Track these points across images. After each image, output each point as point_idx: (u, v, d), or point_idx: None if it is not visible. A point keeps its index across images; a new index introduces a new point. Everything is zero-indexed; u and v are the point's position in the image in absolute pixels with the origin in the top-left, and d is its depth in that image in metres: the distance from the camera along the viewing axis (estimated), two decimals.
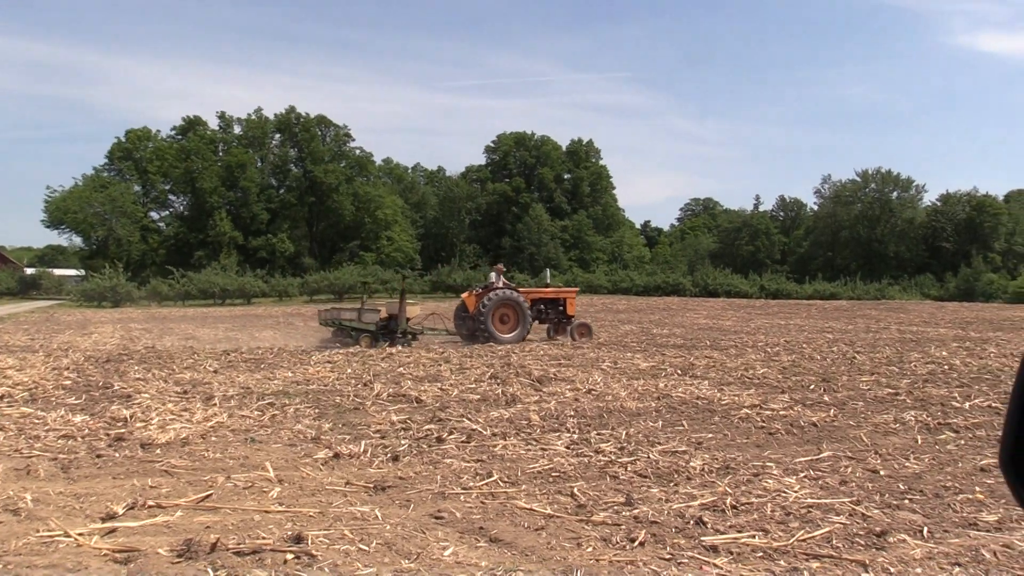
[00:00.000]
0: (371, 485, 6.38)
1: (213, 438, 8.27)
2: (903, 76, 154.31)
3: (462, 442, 8.10)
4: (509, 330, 20.10)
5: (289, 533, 5.06)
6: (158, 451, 7.64)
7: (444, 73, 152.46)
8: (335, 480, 6.56)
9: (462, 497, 6.09)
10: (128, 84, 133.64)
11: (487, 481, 6.53)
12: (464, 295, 21.32)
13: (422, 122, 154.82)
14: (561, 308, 21.66)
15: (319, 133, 75.27)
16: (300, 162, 74.09)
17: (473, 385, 12.28)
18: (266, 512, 5.61)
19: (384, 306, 20.33)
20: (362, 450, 7.64)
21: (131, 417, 9.31)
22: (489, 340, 19.53)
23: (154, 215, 71.92)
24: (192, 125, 73.03)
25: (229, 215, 67.94)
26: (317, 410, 10.13)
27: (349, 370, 14.31)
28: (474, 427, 8.79)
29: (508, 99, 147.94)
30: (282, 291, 57.47)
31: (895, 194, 74.38)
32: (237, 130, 75.33)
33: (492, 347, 18.46)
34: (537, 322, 21.21)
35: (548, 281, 24.97)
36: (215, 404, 10.38)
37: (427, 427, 8.83)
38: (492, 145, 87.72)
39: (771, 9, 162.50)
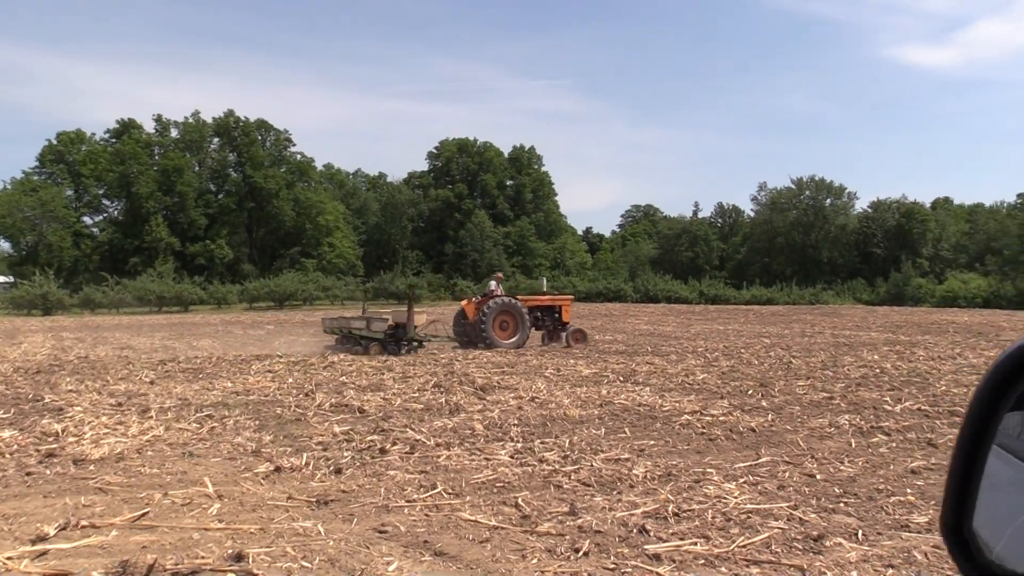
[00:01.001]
0: (313, 499, 6.29)
1: (149, 453, 8.06)
2: (835, 86, 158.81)
3: (406, 453, 8.05)
4: (509, 336, 20.62)
5: (229, 551, 4.97)
6: (92, 467, 7.42)
7: (386, 78, 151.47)
8: (276, 495, 6.46)
9: (406, 510, 6.05)
10: (59, 84, 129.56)
11: (431, 493, 6.50)
12: (464, 302, 21.91)
13: (364, 127, 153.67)
14: (557, 315, 22.20)
15: (259, 137, 74.09)
16: (239, 167, 72.81)
17: (416, 394, 12.22)
18: (205, 530, 5.49)
19: (391, 314, 20.48)
20: (304, 463, 7.53)
21: (63, 432, 9.02)
22: (490, 346, 20.07)
23: (87, 220, 69.84)
24: (127, 128, 71.16)
25: (166, 220, 66.43)
26: (257, 422, 9.96)
27: (290, 379, 14.11)
28: (418, 437, 8.74)
29: (450, 105, 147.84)
30: (221, 298, 56.36)
31: (828, 201, 76.30)
32: (174, 133, 73.79)
33: (435, 355, 18.41)
34: (533, 328, 21.63)
35: (544, 289, 25.49)
36: (151, 417, 10.12)
37: (370, 438, 8.75)
38: (435, 151, 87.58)
39: (709, 19, 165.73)
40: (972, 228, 74.06)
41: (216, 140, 74.44)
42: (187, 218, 67.39)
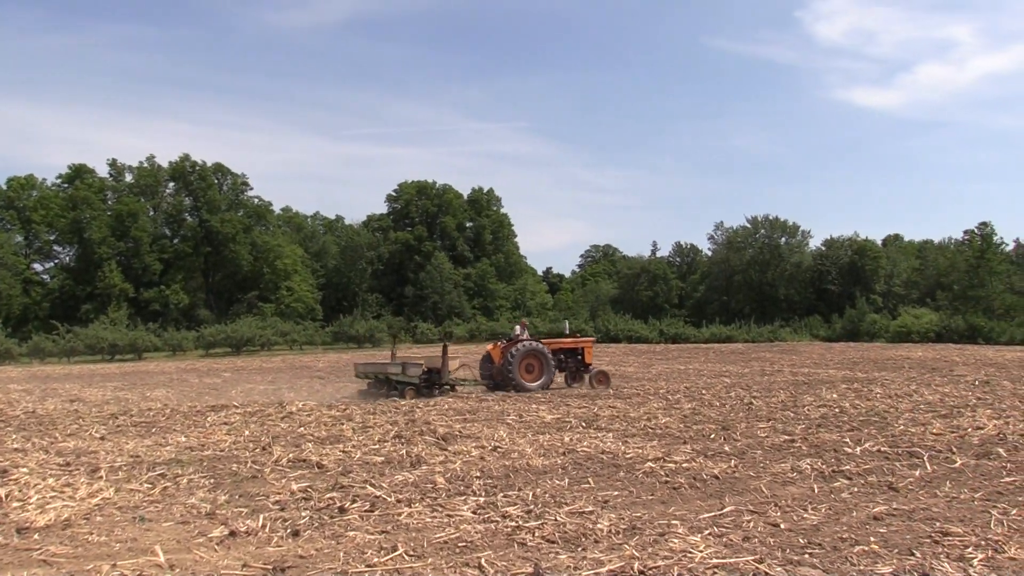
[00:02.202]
0: (270, 566, 6.06)
1: (98, 518, 7.74)
2: (787, 128, 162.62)
3: (366, 511, 7.85)
4: (534, 379, 21.14)
5: None
6: (36, 536, 7.08)
7: (344, 122, 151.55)
8: (231, 562, 6.21)
9: (366, 575, 5.87)
10: (9, 129, 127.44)
11: (392, 555, 6.31)
12: (489, 347, 22.40)
13: (322, 170, 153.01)
14: (579, 357, 22.65)
15: (215, 181, 73.39)
16: (195, 211, 71.96)
17: (377, 446, 11.99)
18: None
19: (424, 360, 21.03)
20: (260, 525, 7.28)
21: (6, 496, 8.63)
22: (517, 389, 20.50)
23: (37, 267, 68.09)
24: (80, 173, 70.00)
25: (119, 266, 65.14)
26: (212, 480, 9.66)
27: (247, 432, 13.77)
28: (378, 494, 8.54)
29: (409, 148, 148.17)
30: (176, 345, 55.26)
31: (783, 240, 77.67)
32: (128, 178, 72.71)
33: (396, 404, 18.15)
34: (557, 371, 22.02)
35: (567, 332, 25.96)
36: (101, 477, 9.76)
37: (329, 495, 8.52)
38: (394, 194, 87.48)
39: (663, 62, 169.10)
40: (922, 264, 75.77)
41: (171, 184, 73.55)
42: (141, 263, 66.25)
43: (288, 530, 7.16)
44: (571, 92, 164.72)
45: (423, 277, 76.31)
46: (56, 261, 69.20)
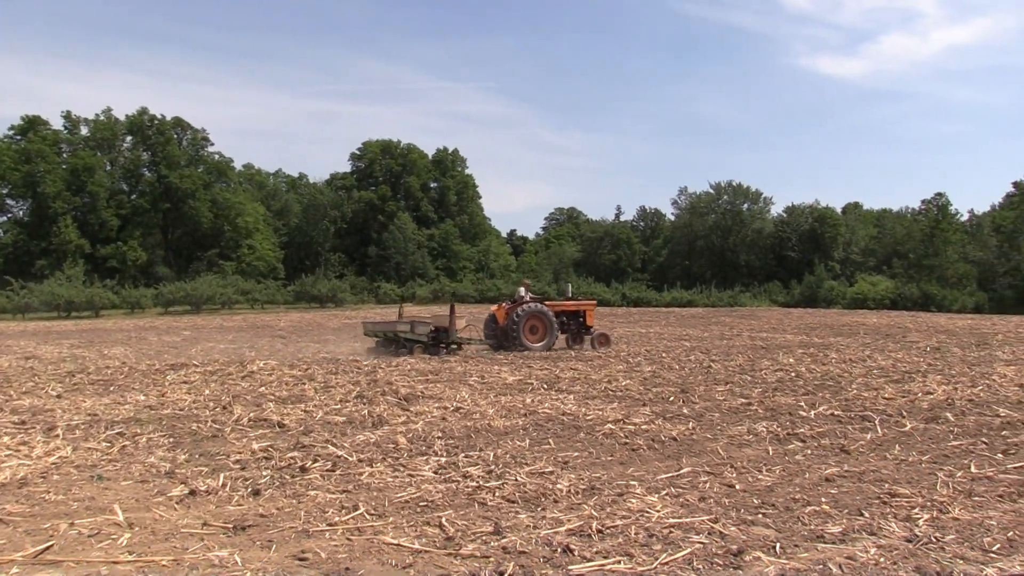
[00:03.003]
0: (230, 525, 6.06)
1: (55, 476, 7.67)
2: (752, 94, 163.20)
3: (327, 471, 7.87)
4: (538, 340, 21.73)
5: None
6: None
7: (309, 77, 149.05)
8: (191, 521, 6.20)
9: (327, 534, 5.89)
10: None
11: (353, 515, 6.35)
12: (494, 308, 23.02)
13: (285, 127, 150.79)
14: (581, 319, 23.19)
15: (175, 136, 71.97)
16: (154, 166, 70.58)
17: (339, 406, 11.99)
18: (114, 563, 5.22)
19: (432, 319, 21.93)
20: (220, 484, 7.27)
21: None
22: (521, 349, 21.14)
23: None
24: (33, 125, 68.11)
25: (75, 222, 63.81)
26: (172, 439, 9.60)
27: (207, 391, 13.68)
28: (339, 453, 8.56)
29: (374, 106, 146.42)
30: (134, 303, 54.47)
31: (746, 206, 78.42)
32: (84, 131, 70.97)
33: (358, 364, 18.12)
34: (559, 333, 22.55)
35: (570, 295, 26.39)
36: (58, 436, 9.65)
37: (290, 455, 8.52)
38: (358, 152, 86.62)
39: (631, 26, 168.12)
40: (880, 232, 77.11)
41: (129, 139, 72.00)
42: (98, 219, 64.97)
43: (249, 489, 7.15)
44: (538, 54, 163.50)
45: (386, 237, 75.90)
46: (9, 215, 67.64)
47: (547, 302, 22.76)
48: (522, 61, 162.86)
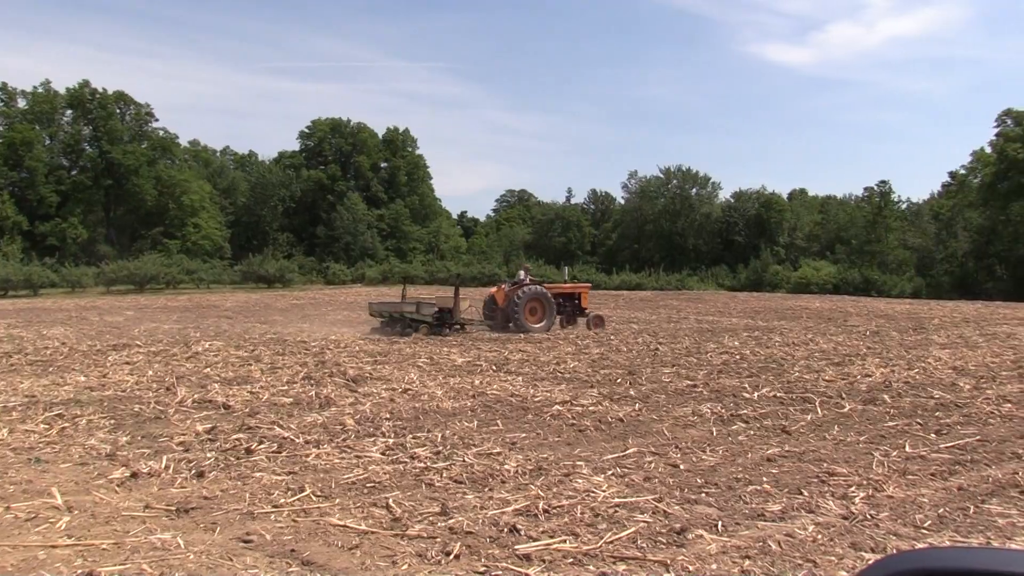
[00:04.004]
0: (173, 508, 5.98)
1: None
2: (701, 80, 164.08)
3: (273, 452, 7.80)
4: (538, 321, 22.06)
5: (79, 571, 4.65)
6: None
7: (256, 53, 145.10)
8: (132, 504, 6.10)
9: (272, 516, 5.85)
10: None
11: (299, 496, 6.32)
12: (493, 289, 23.45)
13: (232, 103, 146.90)
14: (576, 302, 23.72)
15: (117, 111, 69.78)
16: (95, 142, 68.40)
17: (285, 387, 11.88)
18: (53, 547, 5.11)
19: (436, 299, 22.47)
20: (163, 466, 7.16)
21: None
22: (521, 331, 21.33)
23: None
24: None
25: (12, 197, 61.61)
26: (113, 421, 9.40)
27: (150, 372, 13.42)
28: (286, 435, 8.49)
29: (323, 84, 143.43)
30: (75, 282, 52.91)
31: (694, 191, 79.17)
32: (21, 104, 68.49)
33: (305, 345, 17.95)
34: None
35: (566, 278, 27.31)
36: None
37: (235, 437, 8.42)
38: (307, 131, 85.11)
39: (583, 8, 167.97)
40: (824, 218, 78.53)
41: (69, 112, 69.68)
42: (36, 195, 62.89)
43: (192, 471, 7.06)
44: (489, 34, 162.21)
45: (336, 217, 74.93)
46: None
47: (545, 285, 23.31)
48: (474, 41, 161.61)
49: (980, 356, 16.34)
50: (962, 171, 67.88)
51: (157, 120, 72.93)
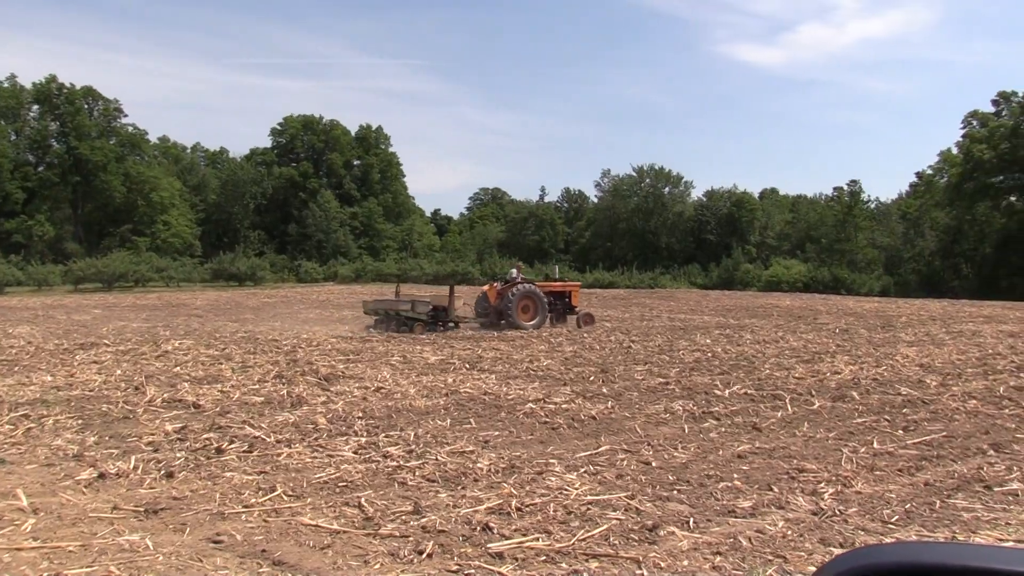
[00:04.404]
0: (142, 509, 5.90)
1: None
2: (674, 79, 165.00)
3: (244, 452, 7.73)
4: (530, 318, 22.42)
5: (46, 574, 4.58)
6: None
7: (228, 48, 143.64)
8: (100, 505, 6.01)
9: (243, 516, 5.79)
10: None
11: (270, 496, 6.26)
12: (486, 287, 23.73)
13: (203, 99, 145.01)
14: (567, 300, 24.17)
15: (85, 106, 68.77)
16: (63, 137, 67.30)
17: (257, 386, 11.78)
18: (18, 550, 5.02)
19: (431, 298, 22.97)
20: (132, 467, 7.07)
21: None
22: (513, 327, 21.76)
23: None
24: None
25: None
26: (80, 421, 9.27)
27: (119, 371, 13.25)
28: (257, 434, 8.42)
29: (295, 80, 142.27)
30: (41, 280, 52.08)
31: (667, 189, 79.63)
32: None
33: (277, 343, 17.81)
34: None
35: (556, 277, 27.81)
36: None
37: (205, 436, 8.33)
38: (279, 127, 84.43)
39: (557, 7, 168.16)
40: (795, 217, 79.33)
41: (36, 108, 68.56)
42: (2, 192, 61.84)
43: (162, 472, 6.98)
44: (464, 31, 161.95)
45: (308, 215, 74.40)
46: None
47: (537, 283, 23.72)
48: (449, 39, 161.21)
49: (946, 354, 16.59)
50: (929, 171, 68.97)
51: (126, 116, 72.06)
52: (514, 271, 23.91)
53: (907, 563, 1.22)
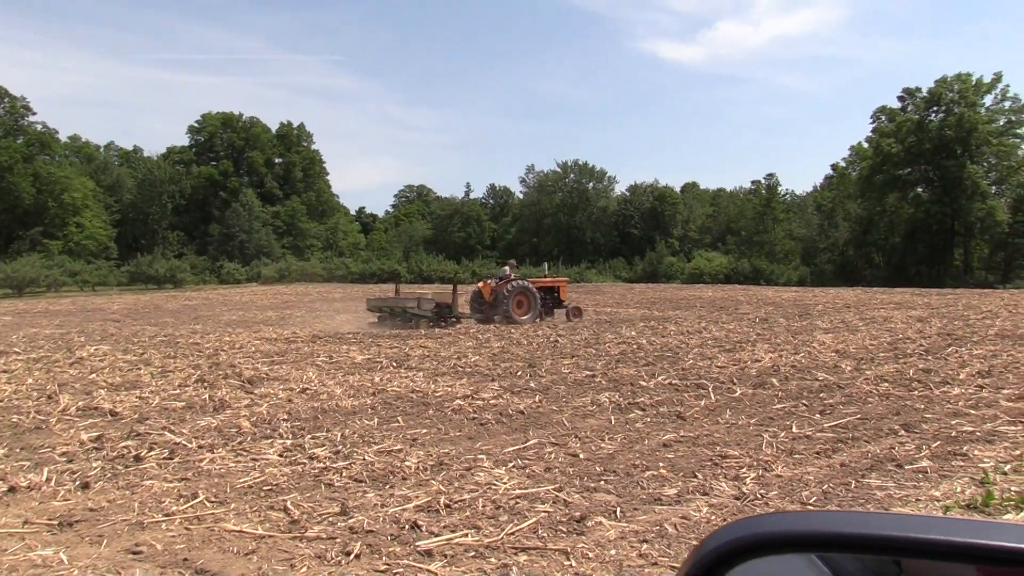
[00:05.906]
0: (55, 522, 5.66)
1: None
2: (596, 75, 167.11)
3: (164, 459, 7.51)
4: (524, 313, 23.41)
5: None
6: None
7: (141, 44, 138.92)
8: (11, 520, 5.75)
9: (164, 525, 5.63)
10: None
11: (192, 503, 6.10)
12: (480, 284, 24.67)
13: (116, 96, 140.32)
14: (555, 294, 25.23)
15: None
16: None
17: (177, 391, 11.45)
18: None
19: (434, 296, 23.95)
20: (44, 479, 6.79)
21: None
22: (509, 323, 22.68)
23: None
24: None
25: None
26: None
27: (30, 380, 12.70)
28: (178, 440, 8.19)
29: (213, 76, 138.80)
30: None
31: (591, 184, 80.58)
32: None
33: (198, 347, 17.37)
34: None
35: (546, 273, 29.01)
36: None
37: (123, 444, 8.06)
38: (197, 125, 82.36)
39: (479, 3, 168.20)
40: (715, 211, 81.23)
41: None
42: None
43: (77, 482, 6.72)
44: (384, 27, 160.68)
45: (229, 215, 72.71)
46: None
47: (528, 279, 24.56)
48: (369, 34, 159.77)
49: (860, 339, 17.21)
50: (842, 164, 71.45)
51: (35, 114, 69.17)
52: (507, 268, 24.68)
53: (780, 532, 1.27)
